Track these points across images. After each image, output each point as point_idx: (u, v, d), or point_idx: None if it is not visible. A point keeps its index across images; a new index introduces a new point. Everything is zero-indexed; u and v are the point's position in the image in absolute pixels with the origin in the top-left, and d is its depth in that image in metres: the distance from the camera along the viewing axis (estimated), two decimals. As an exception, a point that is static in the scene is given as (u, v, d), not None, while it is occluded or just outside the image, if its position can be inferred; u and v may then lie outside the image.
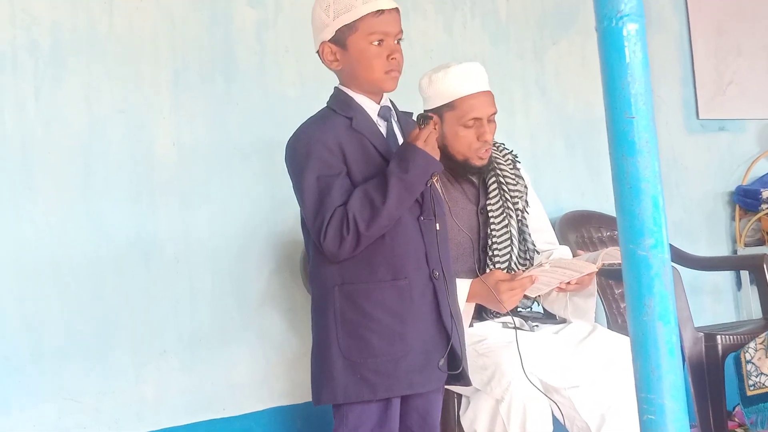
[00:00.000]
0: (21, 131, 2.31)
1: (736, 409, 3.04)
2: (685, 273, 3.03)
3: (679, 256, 3.21)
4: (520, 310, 2.32)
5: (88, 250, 2.37)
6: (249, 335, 2.60)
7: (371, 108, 1.80)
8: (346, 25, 1.74)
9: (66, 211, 2.35)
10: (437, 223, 1.79)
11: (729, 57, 3.80)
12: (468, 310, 2.14)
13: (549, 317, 2.38)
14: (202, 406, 2.51)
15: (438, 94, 2.20)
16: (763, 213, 3.65)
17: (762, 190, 3.67)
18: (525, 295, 2.18)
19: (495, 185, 2.30)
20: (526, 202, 2.36)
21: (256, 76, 2.68)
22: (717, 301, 3.65)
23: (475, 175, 2.30)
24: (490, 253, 2.25)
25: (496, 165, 2.32)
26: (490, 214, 2.28)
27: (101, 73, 2.43)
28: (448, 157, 2.23)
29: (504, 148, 2.40)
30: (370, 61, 1.74)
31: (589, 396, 2.11)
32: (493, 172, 2.31)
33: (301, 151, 1.74)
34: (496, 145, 2.36)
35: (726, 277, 3.70)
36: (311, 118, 1.82)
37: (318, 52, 1.80)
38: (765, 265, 3.03)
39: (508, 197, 2.31)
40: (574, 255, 2.41)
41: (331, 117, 1.79)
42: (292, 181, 1.79)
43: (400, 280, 1.73)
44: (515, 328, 2.02)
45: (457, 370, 1.78)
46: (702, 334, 2.72)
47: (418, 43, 2.97)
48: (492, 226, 2.26)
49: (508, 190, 2.31)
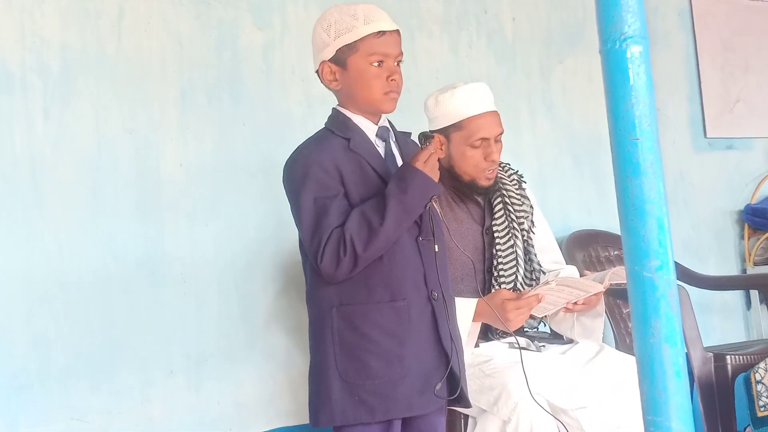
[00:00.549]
0: (30, 151, 2.32)
1: (747, 430, 3.01)
2: (693, 292, 3.01)
3: (687, 276, 3.20)
4: (526, 330, 2.31)
5: (95, 269, 2.37)
6: (255, 354, 2.60)
7: (369, 129, 1.80)
8: (346, 45, 1.73)
9: (74, 229, 2.36)
10: (436, 245, 1.77)
11: (736, 74, 3.79)
12: (474, 330, 2.13)
13: (556, 337, 2.37)
14: (209, 425, 2.50)
15: (445, 114, 2.20)
16: (772, 232, 3.63)
17: (771, 209, 3.65)
18: (531, 315, 2.17)
19: (500, 206, 2.30)
20: (532, 222, 2.35)
21: (263, 96, 2.69)
22: (726, 321, 3.62)
23: (481, 196, 2.29)
24: (496, 273, 2.24)
25: (501, 185, 2.32)
26: (496, 235, 2.27)
27: (109, 93, 2.45)
28: (454, 178, 2.22)
29: (509, 168, 2.40)
30: (369, 81, 1.74)
31: (597, 417, 2.09)
32: (498, 193, 2.31)
33: (298, 173, 1.74)
34: (502, 165, 2.36)
35: (735, 296, 3.68)
36: (309, 139, 1.82)
37: (317, 71, 1.80)
38: (774, 285, 3.02)
39: (514, 218, 2.30)
40: (581, 275, 2.39)
41: (329, 138, 1.78)
42: (289, 203, 1.78)
43: (398, 302, 1.72)
44: (521, 348, 2.00)
45: (454, 395, 1.76)
46: (711, 354, 2.70)
47: (423, 63, 2.98)
48: (497, 247, 2.26)
49: (514, 210, 2.31)
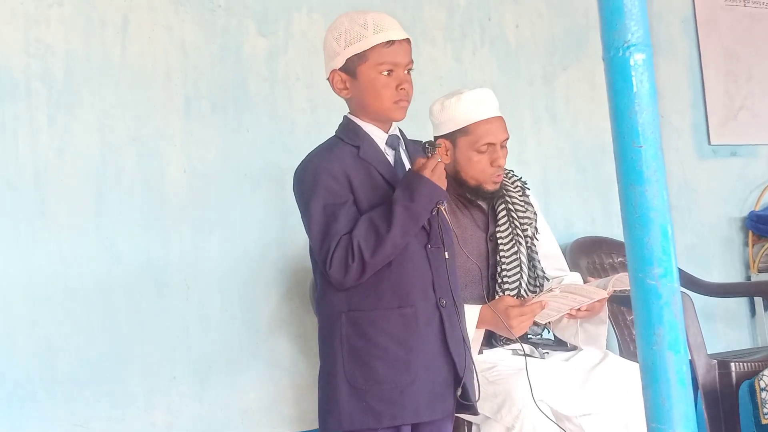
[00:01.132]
0: (34, 158, 2.33)
1: (751, 437, 3.00)
2: (697, 299, 3.01)
3: (691, 282, 3.19)
4: (530, 336, 2.31)
5: (99, 276, 2.38)
6: (259, 361, 2.60)
7: (379, 137, 1.81)
8: (356, 55, 1.75)
9: (78, 237, 2.37)
10: (446, 252, 1.79)
11: (740, 82, 3.79)
12: (477, 337, 2.13)
13: (560, 344, 2.36)
14: (212, 433, 2.50)
15: (451, 119, 2.21)
16: (776, 239, 3.62)
17: (775, 216, 3.64)
18: (535, 322, 2.16)
19: (504, 212, 2.30)
20: (536, 229, 2.36)
21: (267, 104, 2.69)
22: (730, 328, 3.61)
23: (486, 201, 2.29)
24: (500, 280, 2.24)
25: (505, 192, 2.32)
26: (500, 242, 2.27)
27: (114, 101, 2.45)
28: (459, 183, 2.23)
29: (513, 175, 2.40)
30: (379, 90, 1.75)
31: (601, 424, 2.08)
32: (501, 200, 2.31)
33: (308, 180, 1.76)
34: (505, 172, 2.36)
35: (740, 303, 3.67)
36: (319, 147, 1.84)
37: (328, 79, 1.82)
38: (778, 292, 3.01)
39: (518, 224, 2.30)
40: (585, 282, 2.39)
41: (338, 146, 1.80)
42: (299, 210, 1.80)
43: (405, 308, 1.73)
44: (525, 355, 2.00)
45: (469, 401, 1.76)
46: (716, 361, 2.69)
47: (427, 70, 2.98)
48: (501, 254, 2.26)
49: (518, 217, 2.31)
